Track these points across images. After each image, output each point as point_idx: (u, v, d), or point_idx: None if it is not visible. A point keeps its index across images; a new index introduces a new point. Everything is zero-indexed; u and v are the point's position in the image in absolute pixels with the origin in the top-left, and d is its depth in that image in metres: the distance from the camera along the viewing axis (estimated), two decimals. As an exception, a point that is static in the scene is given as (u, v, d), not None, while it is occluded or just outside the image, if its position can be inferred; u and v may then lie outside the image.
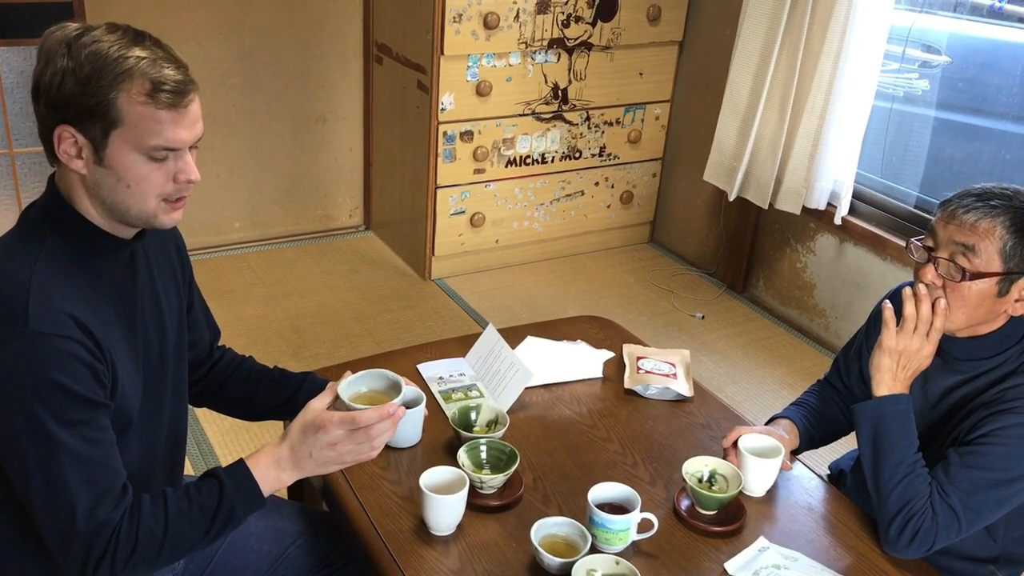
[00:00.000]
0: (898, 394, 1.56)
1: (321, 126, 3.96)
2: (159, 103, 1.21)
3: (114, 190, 1.25)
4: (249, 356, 1.70)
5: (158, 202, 1.27)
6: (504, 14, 3.44)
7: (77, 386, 1.20)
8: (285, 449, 1.33)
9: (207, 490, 1.30)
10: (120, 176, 1.24)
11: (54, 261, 1.25)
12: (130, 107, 1.21)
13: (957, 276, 1.50)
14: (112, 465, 1.25)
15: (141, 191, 1.25)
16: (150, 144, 1.23)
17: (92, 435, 1.23)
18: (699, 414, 1.84)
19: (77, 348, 1.21)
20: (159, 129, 1.22)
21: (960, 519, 1.49)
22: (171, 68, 1.23)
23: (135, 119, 1.21)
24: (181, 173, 1.27)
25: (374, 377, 1.42)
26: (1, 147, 3.32)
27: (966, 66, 3.30)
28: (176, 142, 1.24)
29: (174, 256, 1.52)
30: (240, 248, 3.95)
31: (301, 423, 1.33)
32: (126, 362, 1.32)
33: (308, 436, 1.32)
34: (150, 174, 1.25)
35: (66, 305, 1.22)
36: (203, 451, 2.71)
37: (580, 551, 1.39)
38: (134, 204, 1.26)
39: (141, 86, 1.20)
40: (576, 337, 2.04)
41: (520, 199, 3.83)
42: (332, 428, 1.30)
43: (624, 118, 3.93)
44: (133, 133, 1.22)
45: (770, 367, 3.36)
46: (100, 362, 1.24)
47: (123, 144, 1.22)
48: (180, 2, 3.50)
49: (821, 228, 3.48)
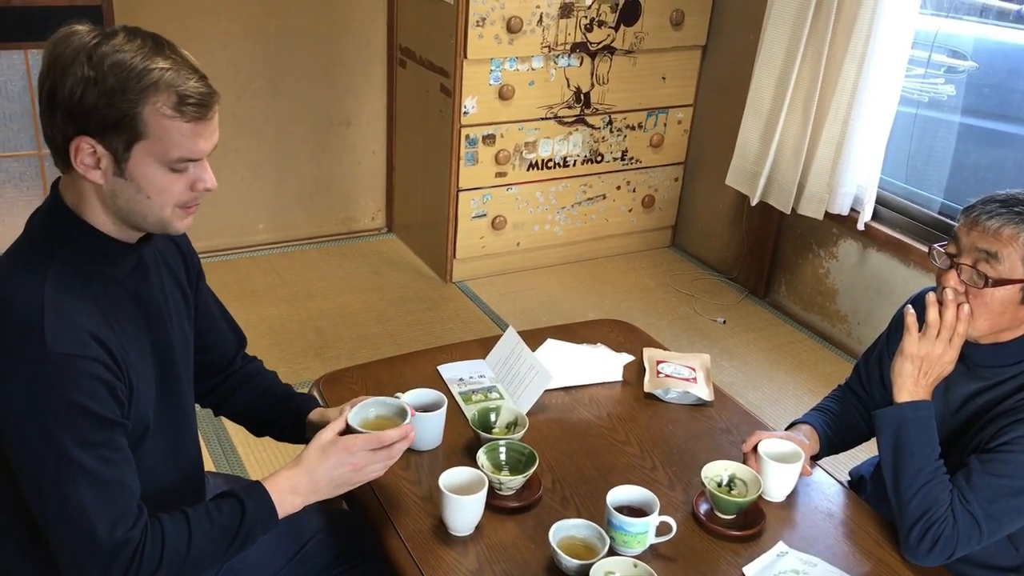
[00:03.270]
0: (920, 400, 1.55)
1: (345, 129, 3.98)
2: (185, 116, 1.20)
3: (133, 200, 1.25)
4: (272, 371, 1.70)
5: (174, 209, 1.27)
6: (527, 18, 3.45)
7: (96, 406, 1.20)
8: (302, 475, 1.36)
9: (228, 511, 1.32)
10: (141, 187, 1.23)
11: (63, 274, 1.24)
12: (155, 120, 1.20)
13: (980, 283, 1.49)
14: (128, 484, 1.25)
15: (160, 201, 1.25)
16: (174, 156, 1.22)
17: (110, 455, 1.23)
18: (719, 418, 1.84)
19: (96, 367, 1.21)
20: (183, 142, 1.22)
21: (981, 527, 1.48)
22: (195, 79, 1.22)
23: (159, 132, 1.20)
24: (200, 182, 1.27)
25: (379, 404, 1.51)
26: (30, 148, 3.36)
27: (992, 71, 3.28)
28: (198, 153, 1.24)
29: (176, 255, 1.51)
30: (264, 250, 3.98)
31: (319, 448, 1.37)
32: (139, 366, 1.32)
33: (330, 458, 1.36)
34: (171, 185, 1.24)
35: (81, 320, 1.21)
36: (225, 449, 2.73)
37: (598, 553, 1.39)
38: (151, 213, 1.26)
39: (167, 99, 1.19)
40: (596, 340, 2.05)
41: (541, 202, 3.84)
42: (358, 450, 1.37)
43: (646, 122, 3.93)
44: (157, 145, 1.21)
45: (791, 372, 3.35)
46: (118, 378, 1.24)
47: (146, 155, 1.22)
48: (206, 5, 3.54)
49: (844, 233, 3.46)
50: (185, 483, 1.49)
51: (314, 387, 1.85)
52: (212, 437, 2.76)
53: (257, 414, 1.64)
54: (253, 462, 2.69)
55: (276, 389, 1.65)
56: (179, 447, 1.46)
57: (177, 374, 1.43)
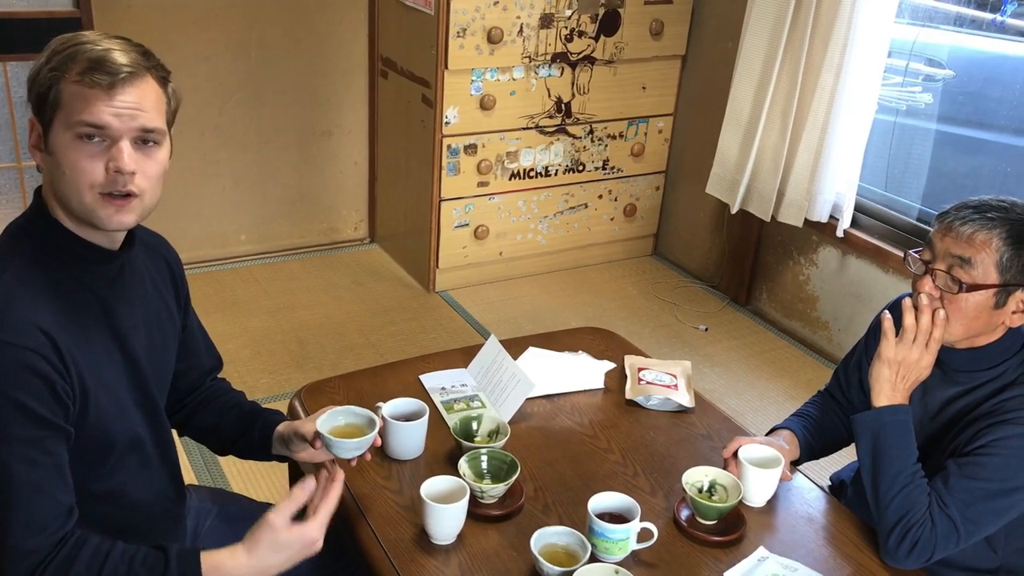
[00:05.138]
0: (897, 404, 1.57)
1: (327, 140, 3.99)
2: (89, 82, 1.21)
3: (58, 180, 1.24)
4: (239, 391, 1.68)
5: (94, 195, 1.23)
6: (508, 29, 3.46)
7: (29, 401, 1.16)
8: (246, 568, 1.28)
9: (151, 563, 1.24)
10: (59, 162, 1.23)
11: (27, 270, 1.24)
12: (67, 87, 1.22)
13: (954, 288, 1.51)
14: (50, 492, 1.19)
15: (75, 180, 1.23)
16: (74, 119, 1.21)
17: (35, 456, 1.17)
18: (700, 425, 1.85)
19: (36, 360, 1.17)
20: (84, 106, 1.21)
21: (959, 530, 1.49)
22: (120, 54, 1.23)
23: (68, 98, 1.22)
24: (112, 161, 1.22)
25: (347, 413, 1.51)
26: (10, 160, 3.35)
27: (968, 80, 3.32)
28: (99, 121, 1.21)
29: (167, 276, 1.50)
30: (246, 261, 3.97)
31: (271, 541, 1.29)
32: (108, 380, 1.29)
33: (284, 550, 1.30)
34: (80, 159, 1.22)
35: (31, 314, 1.19)
36: (207, 461, 2.72)
37: (580, 560, 1.40)
38: (73, 194, 1.24)
39: (79, 66, 1.21)
40: (578, 348, 2.05)
41: (524, 212, 3.85)
42: (319, 536, 1.33)
43: (627, 131, 3.95)
44: (66, 112, 1.22)
45: (773, 379, 3.37)
46: (63, 378, 1.20)
47: (60, 126, 1.23)
48: (188, 18, 3.53)
49: (823, 241, 3.49)
50: (165, 500, 1.48)
51: (295, 397, 1.85)
52: (194, 449, 2.75)
53: (222, 431, 1.62)
54: (235, 473, 2.68)
55: (243, 406, 1.63)
56: (155, 462, 1.44)
57: (150, 392, 1.40)
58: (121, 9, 3.39)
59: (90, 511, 1.29)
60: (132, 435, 1.36)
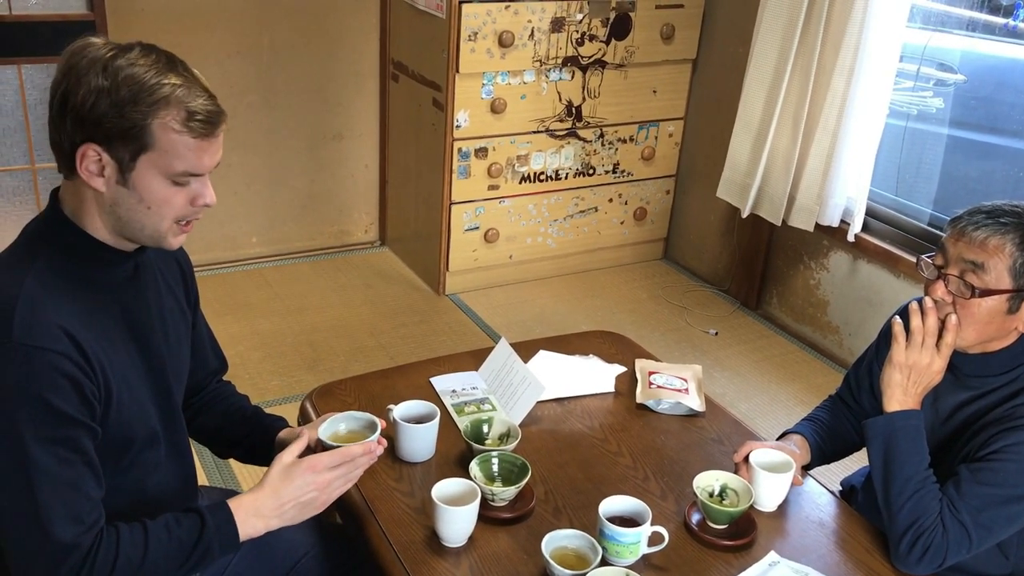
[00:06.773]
0: (909, 409, 1.56)
1: (337, 143, 4.00)
2: (192, 132, 1.24)
3: (133, 210, 1.27)
4: (244, 395, 1.70)
5: (171, 224, 1.30)
6: (519, 32, 3.47)
7: (59, 402, 1.19)
8: (267, 498, 1.36)
9: (188, 525, 1.31)
10: (142, 197, 1.26)
11: (48, 273, 1.26)
12: (164, 133, 1.23)
13: (967, 293, 1.51)
14: (84, 488, 1.23)
15: (160, 213, 1.28)
16: (178, 170, 1.25)
17: (67, 455, 1.21)
18: (711, 429, 1.85)
19: (63, 363, 1.20)
20: (188, 156, 1.25)
21: (971, 535, 1.49)
22: (204, 98, 1.26)
23: (167, 145, 1.24)
24: (200, 197, 1.29)
25: (348, 419, 1.52)
26: (24, 162, 3.37)
27: (980, 84, 3.31)
28: (202, 168, 1.28)
29: (178, 276, 1.52)
30: (257, 263, 3.98)
31: (282, 469, 1.37)
32: (129, 377, 1.32)
33: (295, 480, 1.36)
34: (172, 197, 1.27)
35: (56, 317, 1.22)
36: (218, 463, 2.73)
37: (591, 564, 1.40)
38: (149, 224, 1.29)
39: (176, 114, 1.23)
40: (588, 352, 2.05)
41: (534, 215, 3.86)
42: (323, 468, 1.37)
43: (638, 135, 3.95)
44: (163, 158, 1.24)
45: (783, 384, 3.36)
46: (89, 379, 1.24)
47: (150, 167, 1.25)
48: (200, 21, 3.55)
49: (834, 245, 3.48)
50: (179, 496, 1.49)
51: (307, 400, 1.86)
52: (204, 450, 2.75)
53: (225, 434, 1.65)
54: (246, 475, 2.69)
55: (246, 410, 1.66)
56: (172, 460, 1.46)
57: (168, 388, 1.43)
58: (134, 13, 3.41)
59: (107, 505, 1.31)
60: (150, 431, 1.38)
